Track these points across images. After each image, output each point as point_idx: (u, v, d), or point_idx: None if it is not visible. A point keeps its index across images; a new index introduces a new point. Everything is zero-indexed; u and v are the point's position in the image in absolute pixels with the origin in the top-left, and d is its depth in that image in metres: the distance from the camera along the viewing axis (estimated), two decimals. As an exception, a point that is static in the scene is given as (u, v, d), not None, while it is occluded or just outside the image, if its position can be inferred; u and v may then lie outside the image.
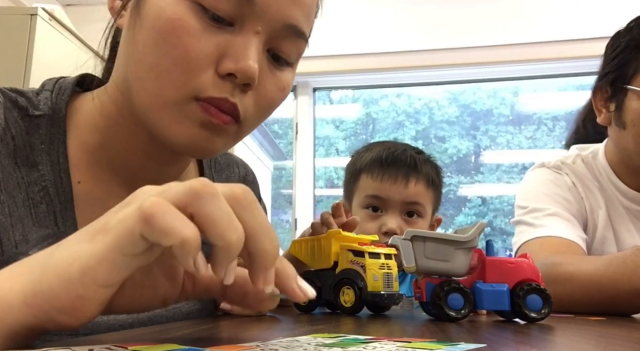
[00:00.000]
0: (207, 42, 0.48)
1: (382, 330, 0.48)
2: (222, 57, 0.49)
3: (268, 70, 0.53)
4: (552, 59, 2.67)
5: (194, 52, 0.48)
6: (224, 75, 0.49)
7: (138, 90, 0.51)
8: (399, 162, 1.06)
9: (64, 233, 0.51)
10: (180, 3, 0.48)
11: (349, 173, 1.13)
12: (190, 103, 0.49)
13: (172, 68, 0.48)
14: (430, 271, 0.58)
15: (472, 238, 0.58)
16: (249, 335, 0.43)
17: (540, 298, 0.56)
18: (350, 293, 0.66)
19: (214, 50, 0.48)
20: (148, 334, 0.41)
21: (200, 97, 0.49)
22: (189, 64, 0.48)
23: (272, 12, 0.50)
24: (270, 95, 0.54)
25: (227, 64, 0.48)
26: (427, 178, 1.07)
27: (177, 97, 0.49)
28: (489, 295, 0.57)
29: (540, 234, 0.97)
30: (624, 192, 1.02)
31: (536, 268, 0.59)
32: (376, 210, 1.05)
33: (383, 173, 1.05)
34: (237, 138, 0.55)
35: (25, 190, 0.51)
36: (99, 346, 0.30)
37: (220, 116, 0.50)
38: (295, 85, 3.01)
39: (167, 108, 0.49)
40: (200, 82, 0.48)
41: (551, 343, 0.40)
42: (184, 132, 0.50)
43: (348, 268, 0.67)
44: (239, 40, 0.49)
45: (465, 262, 0.58)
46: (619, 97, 0.98)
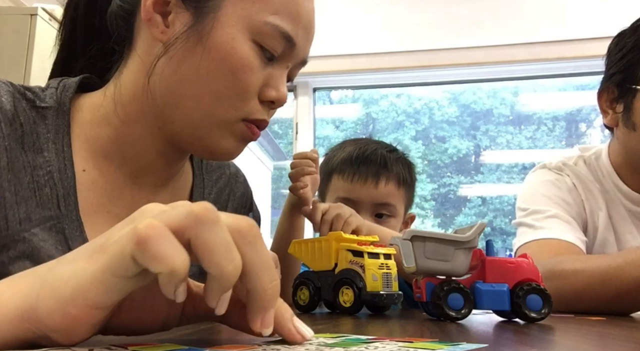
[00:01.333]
0: (260, 76, 0.59)
1: (383, 330, 0.48)
2: (265, 86, 0.60)
3: None
4: (552, 59, 2.67)
5: (252, 85, 0.59)
6: (265, 101, 0.61)
7: (192, 107, 0.58)
8: (369, 161, 1.06)
9: (65, 216, 0.56)
10: (246, 43, 0.57)
11: (322, 173, 1.12)
12: (238, 123, 0.60)
13: (234, 96, 0.58)
14: (430, 272, 0.59)
15: (472, 238, 0.58)
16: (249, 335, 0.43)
17: (540, 298, 0.56)
18: (349, 293, 0.66)
19: (261, 82, 0.60)
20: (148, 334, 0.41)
21: (248, 119, 0.60)
22: (247, 94, 0.59)
23: (301, 53, 0.63)
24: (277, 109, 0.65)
25: (269, 93, 0.60)
26: (397, 178, 1.07)
27: (230, 118, 0.59)
28: (488, 295, 0.57)
29: (540, 236, 0.97)
30: (626, 194, 1.02)
31: (536, 268, 0.59)
32: None
33: (353, 173, 1.05)
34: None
35: (30, 173, 0.54)
36: (99, 346, 0.30)
37: (257, 133, 0.62)
38: (295, 85, 3.01)
39: (219, 126, 0.59)
40: (250, 107, 0.59)
41: (551, 343, 0.40)
42: (227, 145, 0.61)
43: (347, 268, 0.68)
44: (277, 73, 0.61)
45: (465, 262, 0.58)
46: (627, 97, 0.98)
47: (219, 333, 0.44)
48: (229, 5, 0.56)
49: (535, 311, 0.56)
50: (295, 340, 0.33)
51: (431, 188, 4.28)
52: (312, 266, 0.72)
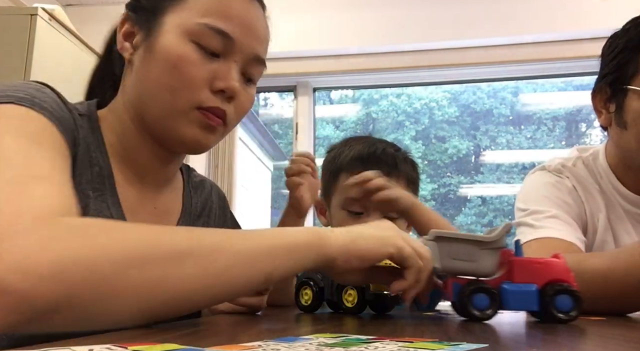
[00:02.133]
0: (204, 69, 0.68)
1: (383, 330, 0.48)
2: (214, 79, 0.69)
3: (242, 88, 0.73)
4: (552, 59, 2.66)
5: (196, 77, 0.68)
6: (216, 91, 0.69)
7: (154, 104, 0.70)
8: (380, 161, 1.03)
9: (108, 190, 0.69)
10: (185, 43, 0.68)
11: (327, 171, 1.10)
12: (193, 112, 0.69)
13: (182, 87, 0.68)
14: (456, 272, 0.58)
15: (497, 238, 0.57)
16: (249, 334, 0.43)
17: (571, 298, 0.55)
18: (353, 294, 0.66)
19: (209, 74, 0.69)
20: (148, 334, 0.41)
21: (201, 107, 0.69)
22: (193, 85, 0.68)
23: (245, 48, 0.71)
24: (244, 105, 0.74)
25: (218, 84, 0.69)
26: (406, 177, 1.05)
27: (185, 107, 0.68)
28: (515, 296, 0.56)
29: (539, 235, 0.97)
30: (624, 195, 1.02)
31: (568, 269, 0.58)
32: (357, 214, 1.02)
33: None
34: (222, 136, 0.75)
35: (88, 154, 0.68)
36: (99, 346, 0.30)
37: (215, 120, 0.70)
38: (295, 85, 3.01)
39: (178, 116, 0.69)
40: (201, 97, 0.69)
41: (551, 343, 0.40)
42: (190, 132, 0.70)
43: None
44: (224, 67, 0.70)
45: (492, 262, 0.57)
46: (619, 97, 0.98)
47: (220, 333, 0.44)
48: (169, 19, 0.69)
49: (564, 312, 0.55)
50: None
51: (431, 188, 4.28)
52: None
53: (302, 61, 2.84)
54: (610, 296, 0.79)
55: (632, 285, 0.77)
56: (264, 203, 3.99)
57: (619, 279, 0.78)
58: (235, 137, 2.82)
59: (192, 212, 0.83)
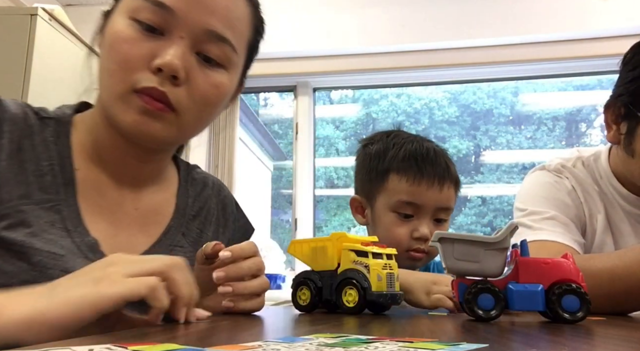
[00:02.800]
0: (141, 47, 0.63)
1: (383, 330, 0.48)
2: (153, 58, 0.63)
3: (198, 69, 0.65)
4: (552, 59, 2.66)
5: (131, 55, 0.63)
6: (154, 70, 0.62)
7: (102, 92, 0.66)
8: (433, 163, 0.99)
9: (64, 200, 0.65)
10: (123, 21, 0.64)
11: (371, 169, 1.04)
12: (130, 95, 0.63)
13: (117, 68, 0.63)
14: (461, 272, 0.58)
15: (501, 238, 0.57)
16: (249, 334, 0.43)
17: (578, 299, 0.55)
18: (353, 293, 0.66)
19: (147, 52, 0.63)
20: (148, 334, 0.41)
21: (136, 89, 0.63)
22: (128, 64, 0.63)
23: (190, 21, 0.64)
24: (202, 89, 0.66)
25: (155, 61, 0.62)
26: (456, 180, 1.03)
27: (121, 90, 0.63)
28: (521, 296, 0.56)
29: (537, 238, 0.96)
30: (624, 196, 1.02)
31: (577, 269, 0.58)
32: (407, 217, 0.99)
33: (421, 176, 0.98)
34: (179, 127, 0.66)
35: (35, 164, 0.64)
36: (99, 346, 0.30)
37: (153, 103, 0.63)
38: (295, 85, 3.01)
39: (117, 101, 0.64)
40: (137, 77, 0.63)
41: (551, 343, 0.40)
42: (129, 118, 0.64)
43: (351, 268, 0.67)
44: (166, 44, 0.63)
45: (498, 262, 0.57)
46: (632, 122, 0.95)
47: (220, 333, 0.44)
48: (118, 6, 0.67)
49: (570, 312, 0.55)
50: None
51: (431, 188, 4.28)
52: (313, 266, 0.71)
53: (302, 61, 2.84)
54: (615, 296, 0.79)
55: (638, 285, 0.77)
56: (264, 203, 3.99)
57: (625, 279, 0.78)
58: (235, 137, 2.82)
59: (187, 213, 0.78)
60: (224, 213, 0.86)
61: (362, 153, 1.09)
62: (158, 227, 0.74)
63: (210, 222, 0.82)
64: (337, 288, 0.67)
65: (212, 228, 0.82)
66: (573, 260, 0.59)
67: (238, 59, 0.70)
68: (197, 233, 0.79)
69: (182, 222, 0.77)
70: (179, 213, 0.77)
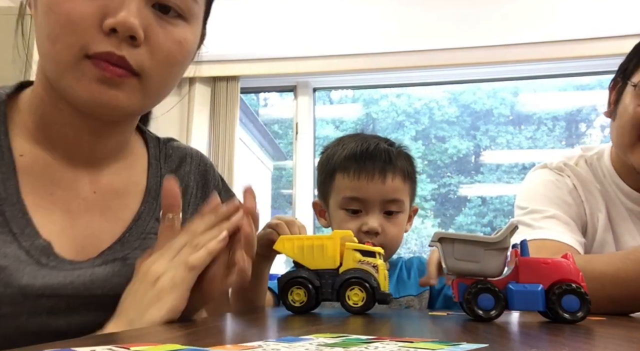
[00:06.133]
0: (86, 5, 0.54)
1: (383, 330, 0.48)
2: (104, 17, 0.54)
3: (157, 25, 0.58)
4: (552, 59, 2.66)
5: (75, 15, 0.54)
6: (107, 32, 0.54)
7: (45, 62, 0.58)
8: (374, 157, 1.02)
9: (6, 199, 0.57)
10: None
11: (322, 172, 1.08)
12: (83, 61, 0.55)
13: (61, 32, 0.54)
14: (461, 272, 0.58)
15: (501, 238, 0.57)
16: (249, 334, 0.43)
17: (578, 299, 0.55)
18: (359, 293, 0.66)
19: (95, 11, 0.54)
20: (149, 334, 0.41)
21: (89, 54, 0.54)
22: (73, 26, 0.54)
23: None
24: (165, 48, 0.58)
25: (107, 21, 0.54)
26: (403, 172, 1.04)
27: (70, 57, 0.55)
28: (521, 296, 0.56)
29: (537, 236, 0.96)
30: (627, 194, 1.02)
31: (577, 269, 0.58)
32: (355, 212, 1.02)
33: (359, 171, 1.01)
34: (144, 93, 0.59)
35: None
36: (101, 346, 0.30)
37: (112, 69, 0.55)
38: (295, 85, 3.01)
39: (66, 70, 0.55)
40: (87, 40, 0.54)
41: (551, 343, 0.40)
42: (84, 89, 0.55)
43: (356, 268, 0.67)
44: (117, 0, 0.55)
45: (498, 262, 0.57)
46: (621, 91, 0.99)
47: (220, 333, 0.44)
48: None
49: (570, 312, 0.55)
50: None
51: (431, 188, 4.28)
52: (309, 265, 0.69)
53: (302, 61, 2.84)
54: (618, 298, 0.78)
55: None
56: (264, 203, 3.99)
57: (628, 282, 0.78)
58: (235, 137, 2.82)
59: (159, 194, 0.68)
60: (206, 189, 0.78)
61: (319, 160, 1.13)
62: (126, 211, 0.66)
63: (189, 203, 0.74)
64: (342, 287, 0.66)
65: (191, 210, 0.74)
66: (573, 260, 0.59)
67: (198, 8, 0.63)
68: None
69: (155, 205, 0.68)
70: (150, 195, 0.68)
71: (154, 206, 0.68)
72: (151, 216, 0.67)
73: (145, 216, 0.67)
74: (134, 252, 0.63)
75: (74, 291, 0.56)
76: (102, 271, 0.59)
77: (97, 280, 0.58)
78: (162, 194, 0.58)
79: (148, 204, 0.68)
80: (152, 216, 0.67)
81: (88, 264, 0.59)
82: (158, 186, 0.69)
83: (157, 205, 0.68)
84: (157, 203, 0.68)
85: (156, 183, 0.70)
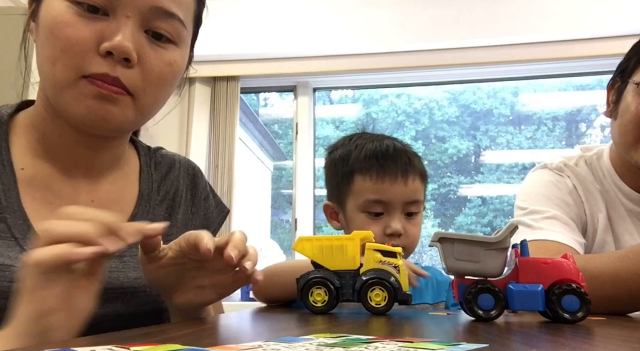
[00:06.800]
0: (85, 30, 0.59)
1: (383, 330, 0.48)
2: (101, 41, 0.59)
3: (149, 48, 0.62)
4: (552, 59, 2.66)
5: (75, 39, 0.58)
6: (104, 54, 0.59)
7: (45, 82, 0.62)
8: (395, 159, 1.01)
9: (7, 207, 0.61)
10: (60, 3, 0.59)
11: (337, 174, 1.06)
12: (80, 81, 0.59)
13: (61, 55, 0.59)
14: (461, 272, 0.58)
15: (501, 238, 0.57)
16: (249, 334, 0.43)
17: (578, 299, 0.55)
18: (381, 294, 0.65)
19: (93, 35, 0.59)
20: (149, 334, 0.41)
21: (86, 75, 0.59)
22: (72, 49, 0.59)
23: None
24: (156, 69, 0.63)
25: (104, 45, 0.59)
26: (420, 173, 1.04)
27: (68, 77, 0.59)
28: (520, 296, 0.56)
29: (537, 237, 0.96)
30: (627, 194, 1.02)
31: (577, 269, 0.58)
32: (378, 214, 1.00)
33: (383, 173, 1.00)
34: (137, 110, 0.64)
35: None
36: (101, 346, 0.30)
37: (107, 87, 0.60)
38: (295, 85, 3.01)
39: (65, 89, 0.60)
40: (84, 62, 0.59)
41: (551, 343, 0.40)
42: (81, 106, 0.60)
43: (377, 268, 0.67)
44: (113, 25, 0.60)
45: (498, 262, 0.57)
46: (621, 89, 0.99)
47: (220, 333, 0.44)
48: None
49: (570, 312, 0.55)
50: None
51: (431, 188, 4.29)
52: (329, 266, 0.69)
53: (302, 61, 2.84)
54: (618, 298, 0.78)
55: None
56: (264, 203, 3.99)
57: (628, 281, 0.78)
58: (235, 137, 2.82)
59: (152, 198, 0.75)
60: (195, 192, 0.82)
61: (329, 160, 1.11)
62: (122, 216, 0.70)
63: (179, 205, 0.79)
64: (363, 288, 0.66)
65: (182, 211, 0.79)
66: (573, 260, 0.59)
67: (187, 34, 0.68)
68: (166, 219, 0.74)
69: (148, 208, 0.74)
70: (143, 199, 0.74)
71: (147, 208, 0.74)
72: (145, 217, 0.72)
73: (140, 218, 0.72)
74: (129, 250, 0.66)
75: None
76: None
77: None
78: (145, 234, 0.54)
79: (141, 207, 0.73)
80: (145, 217, 0.72)
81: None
82: (150, 190, 0.75)
83: (150, 207, 0.74)
84: (150, 205, 0.74)
85: (148, 187, 0.76)
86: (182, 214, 0.78)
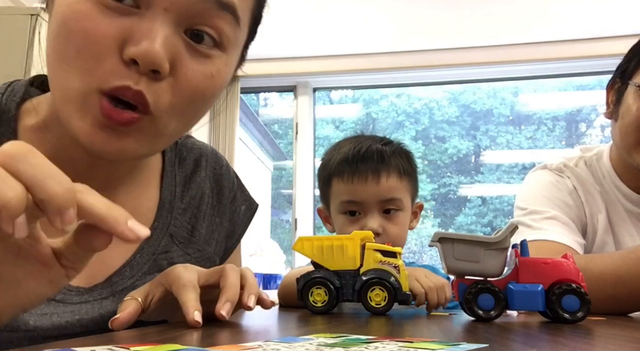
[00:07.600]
0: (108, 25, 0.45)
1: (383, 330, 0.48)
2: (125, 41, 0.45)
3: (188, 54, 0.48)
4: (552, 59, 2.67)
5: (94, 36, 0.45)
6: (127, 61, 0.46)
7: (53, 85, 0.49)
8: (365, 159, 1.02)
9: None
10: None
11: (321, 178, 1.09)
12: (93, 96, 0.46)
13: (77, 55, 0.46)
14: (461, 272, 0.58)
15: (501, 238, 0.57)
16: (249, 334, 0.43)
17: (578, 299, 0.55)
18: (381, 294, 0.66)
19: (117, 34, 0.45)
20: (149, 334, 0.41)
21: (104, 89, 0.46)
22: (91, 49, 0.45)
23: None
24: (193, 84, 0.49)
25: (128, 49, 0.45)
26: (398, 170, 1.03)
27: (82, 86, 0.46)
28: (520, 296, 0.56)
29: (537, 237, 0.96)
30: (626, 195, 1.02)
31: (577, 269, 0.58)
32: (354, 214, 1.02)
33: (352, 174, 1.01)
34: (156, 134, 0.50)
35: None
36: (101, 346, 0.30)
37: (120, 115, 0.46)
38: (295, 85, 3.01)
39: (72, 101, 0.47)
40: (104, 69, 0.45)
41: (551, 343, 0.40)
42: (84, 131, 0.47)
43: (377, 268, 0.67)
44: (144, 21, 0.46)
45: (498, 262, 0.57)
46: (622, 91, 0.99)
47: (220, 333, 0.44)
48: None
49: (570, 312, 0.55)
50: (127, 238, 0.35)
51: (431, 188, 4.29)
52: (329, 266, 0.69)
53: (302, 61, 2.84)
54: (618, 298, 0.78)
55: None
56: (264, 203, 4.00)
57: (629, 282, 0.78)
58: (235, 137, 2.82)
59: (174, 207, 0.64)
60: (221, 196, 0.72)
61: (319, 166, 1.14)
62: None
63: (205, 214, 0.68)
64: (363, 287, 0.66)
65: (207, 222, 0.69)
66: (573, 260, 0.59)
67: (241, 33, 0.54)
68: (188, 231, 0.65)
69: (169, 220, 0.63)
70: (164, 208, 0.63)
71: (168, 219, 0.63)
72: (164, 232, 0.63)
73: (158, 233, 0.62)
74: (142, 279, 0.58)
75: (83, 329, 0.54)
76: (111, 305, 0.55)
77: (107, 314, 0.53)
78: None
79: (162, 219, 0.63)
80: (165, 232, 0.63)
81: (96, 295, 0.56)
82: (173, 197, 0.64)
83: (172, 218, 0.63)
84: (172, 216, 0.64)
85: (170, 193, 0.65)
86: (205, 227, 0.68)
